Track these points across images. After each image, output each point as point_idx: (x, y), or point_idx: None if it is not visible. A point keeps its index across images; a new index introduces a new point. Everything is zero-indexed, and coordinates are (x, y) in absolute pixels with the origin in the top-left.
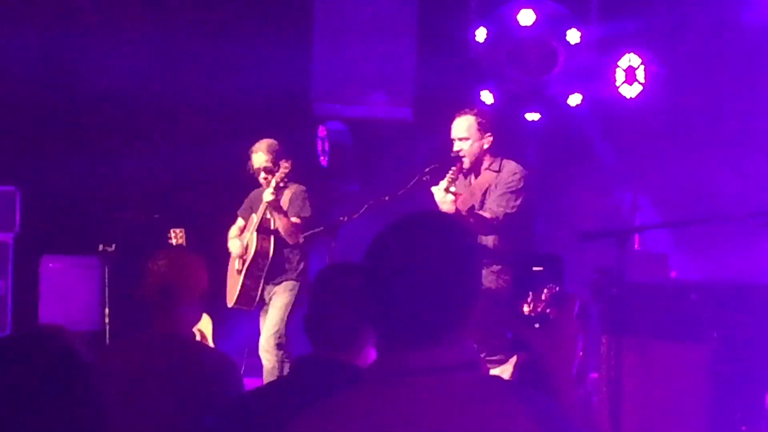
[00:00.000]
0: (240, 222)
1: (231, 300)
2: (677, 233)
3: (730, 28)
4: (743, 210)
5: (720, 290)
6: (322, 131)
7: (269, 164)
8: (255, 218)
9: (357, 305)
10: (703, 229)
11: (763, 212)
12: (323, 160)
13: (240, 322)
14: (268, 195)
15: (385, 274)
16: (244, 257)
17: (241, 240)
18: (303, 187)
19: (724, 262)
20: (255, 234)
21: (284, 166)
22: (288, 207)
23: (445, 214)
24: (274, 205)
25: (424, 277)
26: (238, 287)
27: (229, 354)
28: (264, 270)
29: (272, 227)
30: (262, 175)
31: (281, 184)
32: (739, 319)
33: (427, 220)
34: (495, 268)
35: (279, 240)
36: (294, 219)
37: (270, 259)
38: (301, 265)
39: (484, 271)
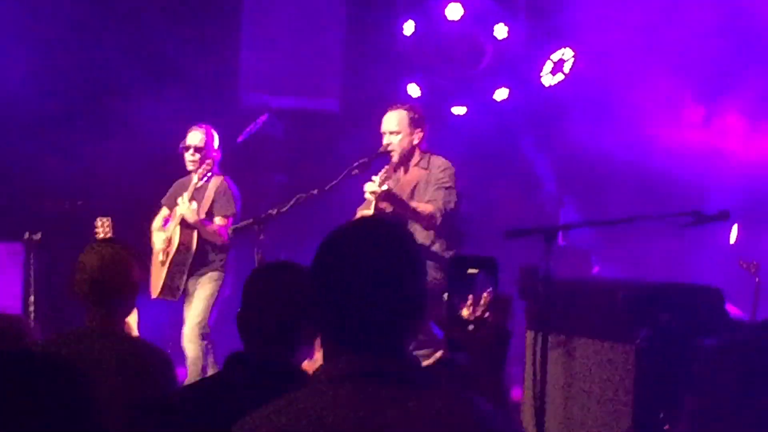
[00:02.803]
0: (164, 211)
1: (155, 291)
2: (599, 229)
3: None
4: (665, 208)
5: (646, 289)
6: (262, 118)
7: (200, 144)
8: (178, 211)
9: (290, 303)
10: (626, 227)
11: (684, 213)
12: (240, 137)
13: (163, 312)
14: (188, 213)
15: (334, 280)
16: (168, 249)
17: (165, 232)
18: (225, 183)
19: (645, 259)
20: (178, 227)
21: (207, 163)
22: (212, 204)
23: (388, 221)
24: (195, 222)
25: (374, 284)
26: (162, 278)
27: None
28: (187, 262)
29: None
30: (190, 152)
31: (202, 179)
32: (664, 319)
33: (374, 228)
34: (430, 264)
35: (234, 232)
36: (219, 220)
37: (193, 251)
38: (223, 256)
39: None
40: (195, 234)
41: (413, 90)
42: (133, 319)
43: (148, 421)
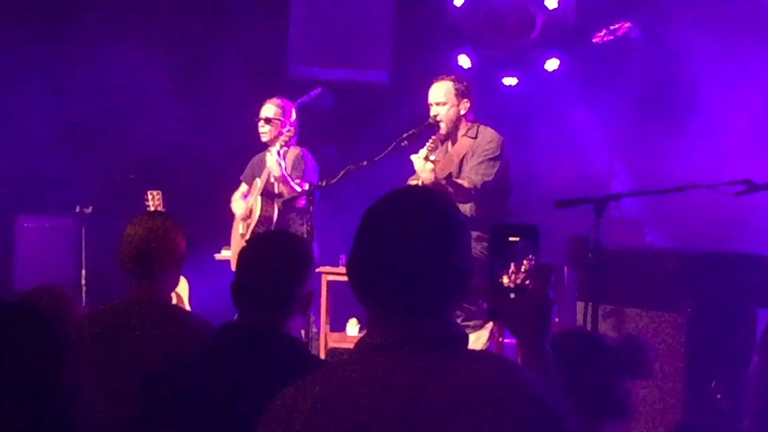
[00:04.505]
0: (243, 187)
1: (236, 263)
2: (652, 199)
3: None
4: (718, 178)
5: (696, 258)
6: (315, 91)
7: (271, 116)
8: (259, 182)
9: (282, 271)
10: (678, 196)
11: (736, 181)
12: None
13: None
14: (275, 165)
15: (377, 248)
16: (249, 221)
17: (245, 202)
18: (300, 153)
19: (698, 229)
20: (259, 198)
21: (288, 131)
22: (291, 171)
23: (434, 190)
24: (279, 175)
25: (417, 252)
26: None
27: (215, 313)
28: None
29: (276, 191)
30: (260, 123)
31: (280, 150)
32: (715, 288)
33: (419, 196)
34: (473, 234)
35: (283, 204)
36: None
37: (274, 223)
38: (304, 229)
39: None
40: (276, 206)
41: (464, 61)
42: (184, 292)
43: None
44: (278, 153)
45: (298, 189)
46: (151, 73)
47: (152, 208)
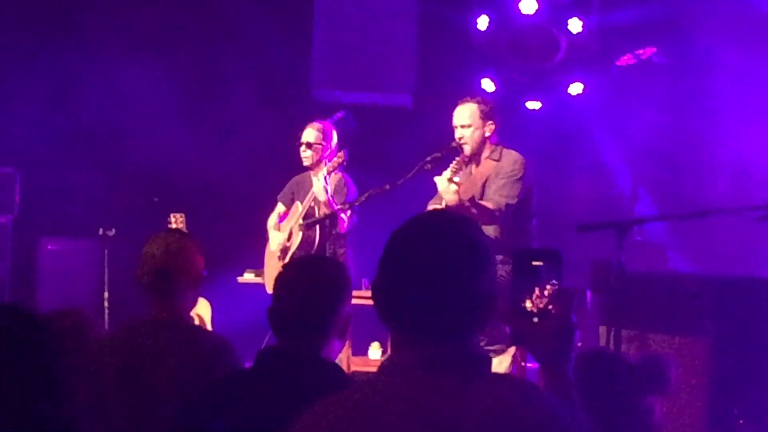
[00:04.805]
0: (280, 208)
1: (271, 286)
2: (675, 223)
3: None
4: (741, 203)
5: (719, 283)
6: (339, 114)
7: (313, 140)
8: (300, 207)
9: (320, 297)
10: (702, 221)
11: (759, 206)
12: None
13: (246, 302)
14: (321, 191)
15: (403, 272)
16: (288, 244)
17: (282, 229)
18: (342, 179)
19: (721, 253)
20: (301, 221)
21: (339, 156)
22: (335, 196)
23: (459, 214)
24: (325, 200)
25: (442, 276)
26: None
27: (238, 335)
28: None
29: (318, 216)
30: (302, 147)
31: (327, 175)
32: (738, 313)
33: (445, 220)
34: (497, 258)
35: (324, 230)
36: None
37: (315, 249)
38: (343, 251)
39: None
40: (317, 231)
41: (487, 85)
42: (206, 314)
43: (189, 415)
44: (324, 178)
45: (343, 216)
46: (175, 95)
47: None
